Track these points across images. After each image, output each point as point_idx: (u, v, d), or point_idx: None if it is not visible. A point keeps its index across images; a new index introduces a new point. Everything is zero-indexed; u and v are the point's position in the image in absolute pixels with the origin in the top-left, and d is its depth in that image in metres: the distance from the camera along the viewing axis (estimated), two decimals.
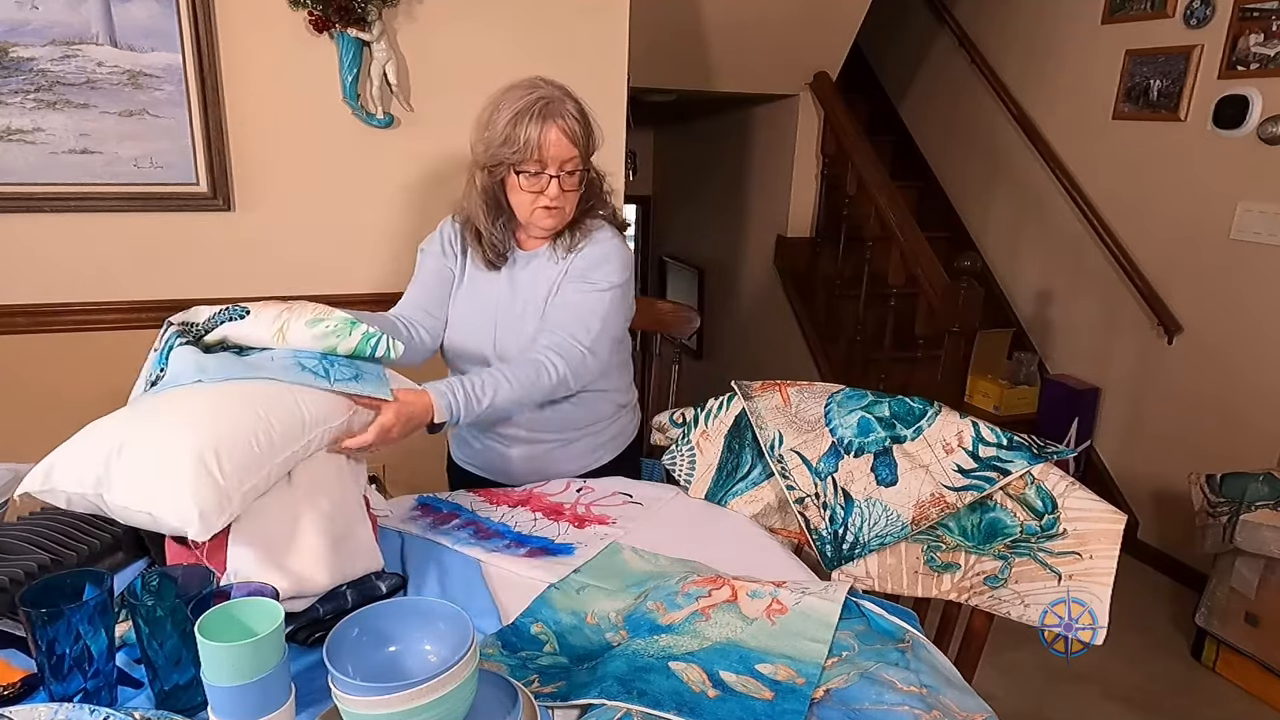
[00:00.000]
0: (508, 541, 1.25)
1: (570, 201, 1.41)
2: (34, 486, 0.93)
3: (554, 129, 1.33)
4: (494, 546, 1.23)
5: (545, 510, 1.36)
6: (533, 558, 1.20)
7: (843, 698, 0.88)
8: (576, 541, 1.25)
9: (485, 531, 1.29)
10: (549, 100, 1.34)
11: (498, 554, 1.21)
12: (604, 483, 1.46)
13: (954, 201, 4.01)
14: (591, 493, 1.42)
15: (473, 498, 1.41)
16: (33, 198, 1.87)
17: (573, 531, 1.29)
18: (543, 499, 1.41)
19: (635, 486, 1.46)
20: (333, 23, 1.90)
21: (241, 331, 1.17)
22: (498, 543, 1.25)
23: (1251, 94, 2.67)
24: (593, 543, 1.25)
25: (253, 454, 0.97)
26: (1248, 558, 2.34)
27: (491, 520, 1.33)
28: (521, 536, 1.27)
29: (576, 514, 1.35)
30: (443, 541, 1.24)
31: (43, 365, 1.98)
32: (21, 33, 1.77)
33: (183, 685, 0.85)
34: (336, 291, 2.11)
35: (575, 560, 1.19)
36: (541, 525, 1.32)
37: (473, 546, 1.23)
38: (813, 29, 3.29)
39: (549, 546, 1.24)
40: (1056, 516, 1.17)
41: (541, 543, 1.25)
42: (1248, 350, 2.77)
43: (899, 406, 1.31)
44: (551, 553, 1.22)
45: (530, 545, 1.24)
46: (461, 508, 1.37)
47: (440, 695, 0.72)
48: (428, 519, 1.33)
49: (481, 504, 1.39)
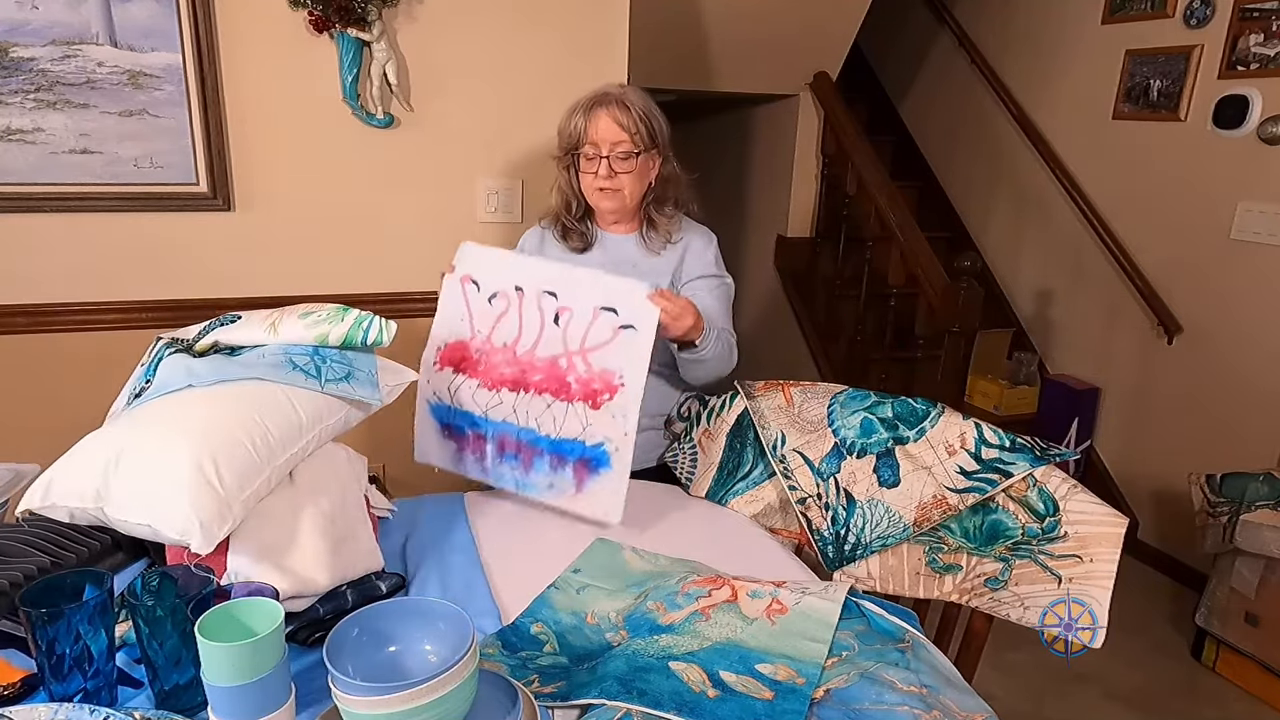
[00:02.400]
0: (550, 460, 1.36)
1: (626, 185, 1.51)
2: (34, 503, 0.93)
3: (603, 115, 1.48)
4: (546, 476, 1.36)
5: (552, 389, 1.36)
6: (581, 486, 1.34)
7: (843, 698, 0.88)
8: (605, 436, 1.32)
9: (525, 451, 1.38)
10: (604, 93, 1.50)
11: (555, 491, 1.36)
12: (579, 307, 1.34)
13: (954, 201, 4.01)
14: (571, 317, 1.35)
15: (476, 398, 1.41)
16: (33, 198, 1.87)
17: (591, 414, 1.34)
18: (534, 368, 1.37)
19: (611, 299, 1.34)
20: (333, 23, 1.90)
21: (233, 334, 1.17)
22: (545, 468, 1.36)
23: (1251, 94, 2.67)
24: (613, 424, 1.31)
25: (251, 460, 0.97)
26: (1248, 558, 2.34)
27: (514, 425, 1.38)
28: (559, 445, 1.35)
29: (582, 382, 1.34)
30: (506, 489, 1.40)
31: (43, 365, 1.98)
32: (21, 33, 1.77)
33: (183, 685, 0.85)
34: (336, 291, 2.11)
35: (613, 476, 1.32)
36: (563, 415, 1.35)
37: (533, 488, 1.37)
38: (813, 29, 3.28)
39: (587, 455, 1.33)
40: (1058, 519, 1.17)
41: (576, 450, 1.34)
42: (1248, 350, 2.77)
43: (902, 407, 1.31)
44: (592, 467, 1.33)
45: (571, 459, 1.34)
46: (477, 419, 1.41)
47: (440, 695, 0.72)
48: (465, 454, 1.42)
49: (489, 403, 1.40)
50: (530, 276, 1.37)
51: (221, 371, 1.07)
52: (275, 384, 1.07)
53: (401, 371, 1.24)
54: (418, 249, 2.14)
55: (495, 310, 1.39)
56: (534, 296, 1.36)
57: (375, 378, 1.18)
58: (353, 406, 1.15)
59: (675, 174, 1.59)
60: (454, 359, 1.42)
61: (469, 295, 1.41)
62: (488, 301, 1.39)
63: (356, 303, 1.24)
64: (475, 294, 1.41)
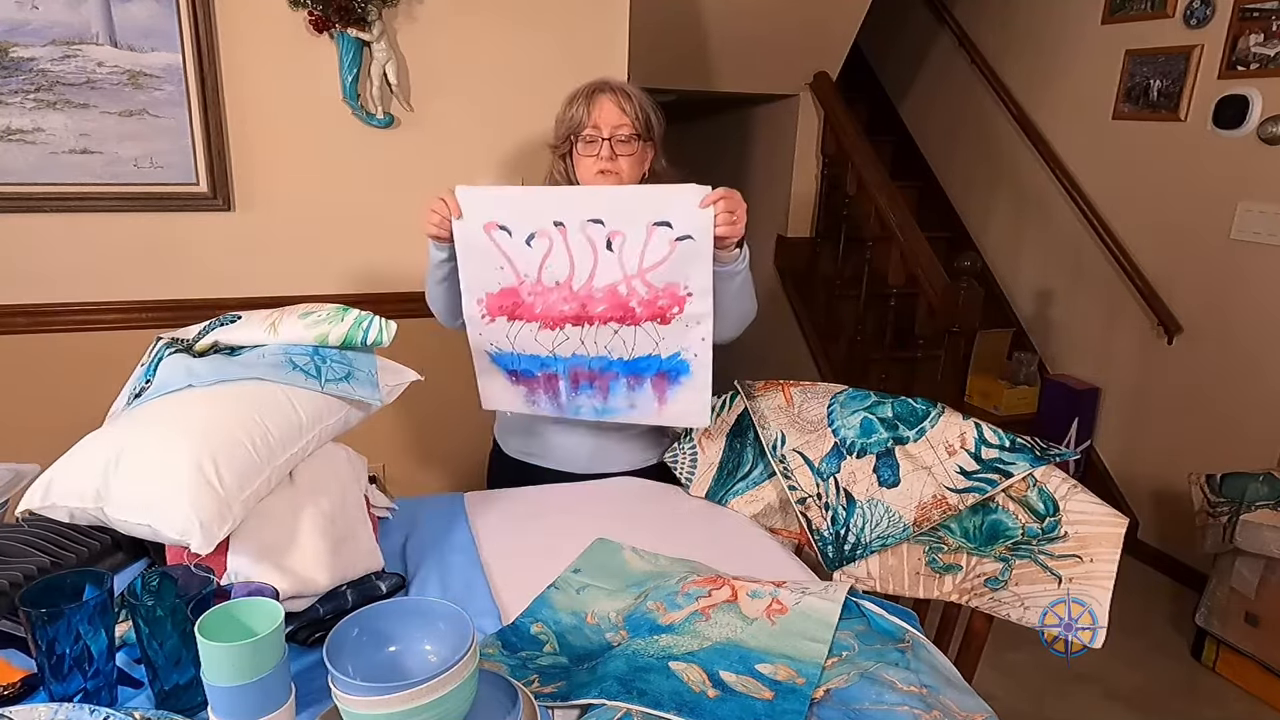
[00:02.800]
0: (627, 381, 1.37)
1: (625, 169, 1.48)
2: (34, 503, 0.93)
3: (605, 100, 1.46)
4: (625, 398, 1.39)
5: (617, 316, 1.34)
6: (663, 399, 1.37)
7: (843, 698, 0.88)
8: (681, 346, 1.34)
9: (601, 378, 1.38)
10: (604, 81, 1.49)
11: (638, 411, 1.39)
12: (631, 228, 1.29)
13: (954, 201, 4.01)
14: (624, 240, 1.30)
15: (539, 340, 1.39)
16: (33, 198, 1.87)
17: (661, 329, 1.34)
18: (594, 300, 1.34)
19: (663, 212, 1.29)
20: (333, 23, 1.90)
21: (233, 334, 1.17)
22: (622, 389, 1.38)
23: (1251, 94, 2.67)
24: (686, 333, 1.33)
25: (251, 460, 0.97)
26: (1248, 558, 2.34)
27: (585, 356, 1.37)
28: (634, 364, 1.36)
29: (646, 303, 1.33)
30: (585, 419, 1.43)
31: (43, 365, 1.98)
32: (21, 33, 1.77)
33: (183, 685, 0.85)
34: (336, 291, 2.11)
35: (694, 384, 1.36)
36: (633, 338, 1.35)
37: (614, 411, 1.40)
38: (813, 29, 3.28)
39: (664, 368, 1.36)
40: (1058, 519, 1.17)
41: (653, 365, 1.36)
42: (1248, 350, 2.76)
43: (902, 407, 1.31)
44: (672, 378, 1.36)
45: (649, 374, 1.36)
46: (545, 360, 1.40)
47: (440, 695, 0.72)
48: (538, 394, 1.43)
49: (556, 342, 1.38)
50: (568, 208, 1.30)
51: (221, 371, 1.07)
52: (275, 384, 1.07)
53: (401, 371, 1.24)
54: (418, 249, 2.13)
55: (538, 251, 1.32)
56: (578, 227, 1.30)
57: (375, 378, 1.18)
58: (353, 406, 1.15)
59: (666, 170, 1.58)
60: (505, 307, 1.37)
61: (500, 242, 1.33)
62: (526, 244, 1.32)
63: (356, 303, 1.24)
64: (509, 240, 1.33)
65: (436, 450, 2.34)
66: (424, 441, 2.31)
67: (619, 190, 1.34)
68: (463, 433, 2.12)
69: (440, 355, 1.57)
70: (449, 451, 2.33)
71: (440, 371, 1.46)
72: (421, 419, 2.28)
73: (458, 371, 1.85)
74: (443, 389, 1.64)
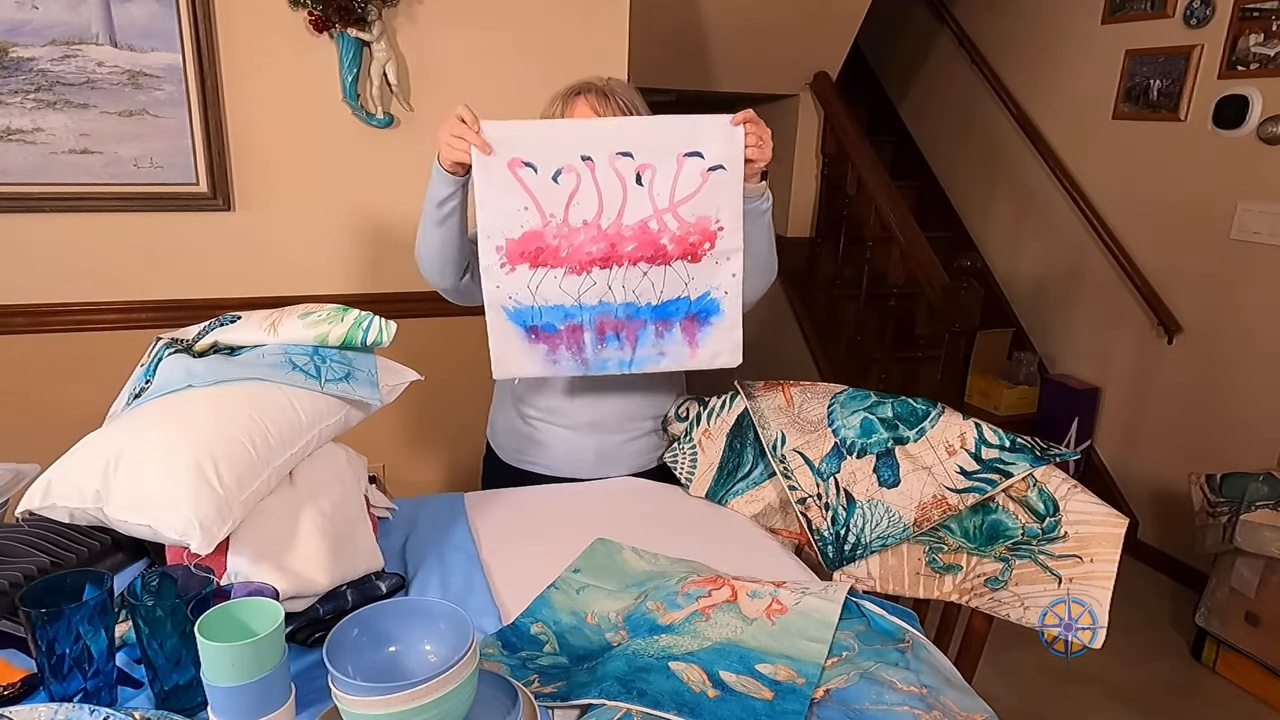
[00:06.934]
0: (655, 328, 1.32)
1: None
2: (34, 503, 0.93)
3: (580, 101, 1.42)
4: (654, 346, 1.34)
5: (647, 255, 1.29)
6: (694, 344, 1.34)
7: (843, 698, 0.88)
8: (710, 286, 1.31)
9: (628, 327, 1.32)
10: (586, 81, 1.44)
11: (669, 358, 1.35)
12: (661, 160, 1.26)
13: (954, 201, 4.01)
14: (654, 173, 1.27)
15: (564, 287, 1.31)
16: (33, 198, 1.87)
17: (691, 268, 1.30)
18: (623, 238, 1.29)
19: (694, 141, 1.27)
20: (333, 23, 1.90)
21: (233, 334, 1.17)
22: (650, 337, 1.33)
23: (1251, 94, 2.67)
24: (716, 271, 1.31)
25: (251, 460, 0.97)
26: (1248, 558, 2.34)
27: (612, 304, 1.31)
28: (662, 309, 1.32)
29: (677, 240, 1.29)
30: (609, 373, 1.36)
31: (43, 365, 1.98)
32: (21, 33, 1.77)
33: (183, 685, 0.85)
34: (336, 291, 2.11)
35: (725, 323, 1.33)
36: (662, 280, 1.30)
37: (643, 362, 1.35)
38: (813, 29, 3.29)
39: (693, 310, 1.32)
40: (1058, 519, 1.17)
41: (682, 308, 1.32)
42: (1248, 350, 2.77)
43: (902, 407, 1.31)
44: (701, 320, 1.33)
45: (678, 318, 1.33)
46: (569, 310, 1.31)
47: (440, 695, 0.72)
48: (560, 351, 1.34)
49: (582, 289, 1.31)
50: (596, 140, 1.24)
51: (221, 371, 1.06)
52: (275, 384, 1.07)
53: (401, 371, 1.24)
54: None
55: (565, 188, 1.25)
56: (606, 161, 1.24)
57: (375, 378, 1.18)
58: (353, 406, 1.15)
59: None
60: (527, 253, 1.28)
61: (525, 180, 1.25)
62: (552, 180, 1.25)
63: (356, 303, 1.24)
64: (534, 176, 1.25)
65: (437, 451, 2.34)
66: (424, 442, 2.31)
67: (647, 120, 1.30)
68: (463, 433, 2.12)
69: (440, 355, 1.57)
70: (449, 452, 2.33)
71: (440, 372, 1.45)
72: (422, 419, 2.28)
73: (458, 371, 1.85)
74: (443, 389, 1.65)
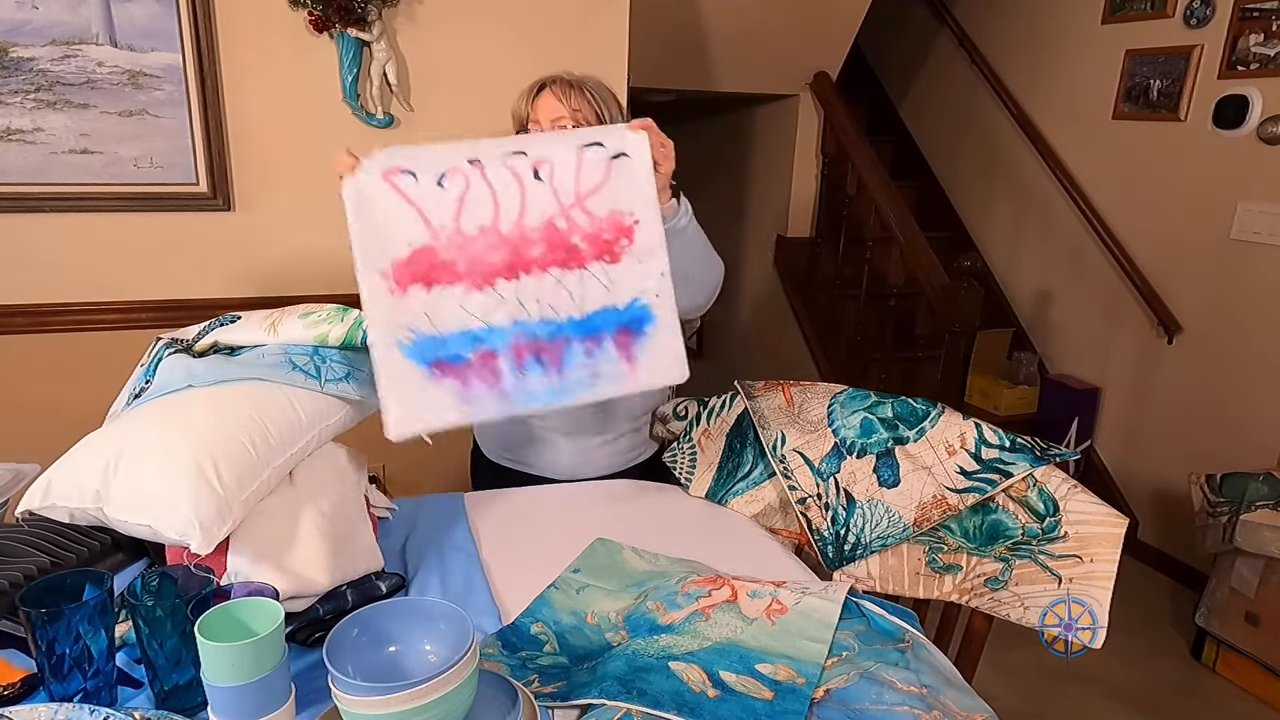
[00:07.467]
0: (584, 346, 1.14)
1: None
2: (34, 503, 0.93)
3: (546, 93, 1.42)
4: (585, 367, 1.14)
5: (558, 259, 1.14)
6: (631, 360, 1.15)
7: (843, 698, 0.88)
8: (638, 290, 1.15)
9: (550, 348, 1.13)
10: (554, 75, 1.44)
11: (605, 381, 1.14)
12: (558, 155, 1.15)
13: (954, 201, 4.01)
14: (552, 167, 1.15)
15: (467, 307, 1.13)
16: (33, 198, 1.87)
17: (612, 270, 1.15)
18: (527, 240, 1.13)
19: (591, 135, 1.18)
20: (333, 23, 1.91)
21: (233, 334, 1.17)
22: (578, 358, 1.14)
23: (1251, 94, 2.67)
24: (641, 271, 1.15)
25: (251, 460, 0.97)
26: (1248, 558, 2.34)
27: (526, 321, 1.13)
28: (587, 323, 1.14)
29: (590, 237, 1.15)
30: (537, 410, 1.18)
31: (43, 365, 1.98)
32: (21, 33, 1.77)
33: (183, 685, 0.85)
34: (336, 291, 2.10)
35: (662, 330, 1.15)
36: (580, 287, 1.14)
37: (576, 388, 1.14)
38: (813, 29, 3.29)
39: (624, 321, 1.15)
40: (1058, 519, 1.17)
41: (610, 320, 1.15)
42: (1248, 350, 2.77)
43: (902, 407, 1.31)
44: (635, 330, 1.15)
45: (608, 332, 1.15)
46: (479, 334, 1.12)
47: (440, 695, 0.72)
48: (472, 388, 1.13)
49: (486, 307, 1.13)
50: (484, 148, 1.12)
51: (221, 371, 1.06)
52: (275, 384, 1.07)
53: None
54: None
55: (452, 192, 1.11)
56: (498, 160, 1.11)
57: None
58: (353, 406, 1.15)
59: None
60: (417, 273, 1.10)
61: (406, 189, 1.11)
62: (437, 185, 1.10)
63: (356, 303, 1.24)
64: (414, 185, 1.11)
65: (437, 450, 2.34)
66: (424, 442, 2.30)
67: (540, 135, 1.26)
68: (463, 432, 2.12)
69: None
70: (449, 452, 2.32)
71: None
72: None
73: None
74: None
